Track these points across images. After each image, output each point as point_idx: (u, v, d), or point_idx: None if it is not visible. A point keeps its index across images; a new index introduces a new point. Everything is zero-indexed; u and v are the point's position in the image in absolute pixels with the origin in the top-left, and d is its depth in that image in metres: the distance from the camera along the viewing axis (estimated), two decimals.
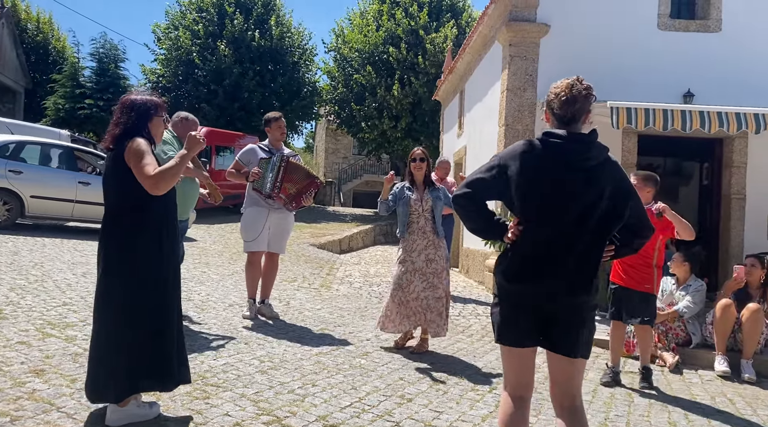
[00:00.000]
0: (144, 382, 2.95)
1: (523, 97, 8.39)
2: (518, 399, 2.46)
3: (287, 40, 20.89)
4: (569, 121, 2.41)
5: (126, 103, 3.06)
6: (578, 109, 2.40)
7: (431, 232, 4.98)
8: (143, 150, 2.89)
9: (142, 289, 2.92)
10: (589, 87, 2.44)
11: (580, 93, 2.39)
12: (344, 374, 4.17)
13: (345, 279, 8.85)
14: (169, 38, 20.35)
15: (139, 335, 2.90)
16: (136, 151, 2.89)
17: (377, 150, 21.99)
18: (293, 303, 6.68)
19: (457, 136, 12.71)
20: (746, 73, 8.14)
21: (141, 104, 3.06)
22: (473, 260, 10.14)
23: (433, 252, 4.96)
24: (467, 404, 3.80)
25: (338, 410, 3.44)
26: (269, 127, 5.69)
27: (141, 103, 3.06)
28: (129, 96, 3.14)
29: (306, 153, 42.36)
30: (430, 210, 4.99)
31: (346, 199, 32.20)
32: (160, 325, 2.97)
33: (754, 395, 4.73)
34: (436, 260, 4.95)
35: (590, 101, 2.44)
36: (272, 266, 5.79)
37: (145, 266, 2.95)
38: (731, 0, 8.40)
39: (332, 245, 12.61)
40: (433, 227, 4.99)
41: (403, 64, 19.16)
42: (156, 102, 3.12)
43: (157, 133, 3.12)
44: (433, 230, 4.99)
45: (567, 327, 2.38)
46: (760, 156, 8.24)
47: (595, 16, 8.38)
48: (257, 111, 19.15)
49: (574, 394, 2.43)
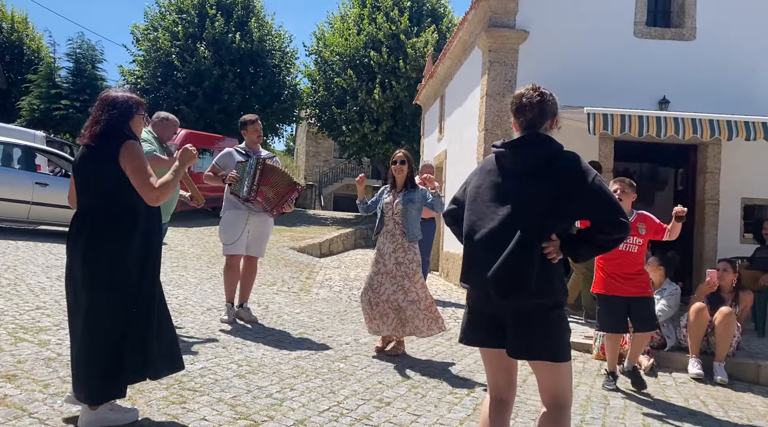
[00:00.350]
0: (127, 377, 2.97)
1: (502, 102, 8.46)
2: (498, 401, 2.48)
3: (268, 42, 20.81)
4: (527, 127, 2.47)
5: (107, 100, 3.02)
6: (534, 115, 2.45)
7: (400, 235, 4.95)
8: (143, 158, 2.94)
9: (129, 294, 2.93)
10: (543, 93, 2.46)
11: (531, 101, 2.44)
12: (323, 378, 4.17)
13: (325, 283, 8.82)
14: (148, 39, 20.14)
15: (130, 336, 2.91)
16: (137, 157, 2.91)
17: (358, 153, 21.99)
18: (272, 307, 6.64)
19: (438, 140, 12.77)
20: (719, 81, 8.31)
21: (123, 102, 3.02)
22: (453, 263, 10.18)
23: (402, 255, 4.94)
24: (445, 407, 3.82)
25: (316, 414, 3.43)
26: (245, 130, 5.67)
27: (122, 100, 3.03)
28: (110, 93, 3.10)
29: (286, 156, 42.15)
30: (400, 213, 4.98)
31: (327, 202, 32.14)
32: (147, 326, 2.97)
33: (725, 397, 4.82)
34: (405, 263, 4.92)
35: (546, 107, 2.45)
36: (251, 270, 5.76)
37: (136, 271, 2.95)
38: (705, 9, 8.57)
39: (312, 248, 12.57)
40: (402, 231, 4.96)
41: (384, 68, 19.20)
42: (137, 100, 3.09)
43: (137, 131, 3.10)
44: (402, 233, 4.95)
45: (515, 329, 2.37)
46: (732, 162, 8.42)
47: (573, 24, 8.49)
48: (237, 113, 19.01)
49: (552, 395, 2.40)
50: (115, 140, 2.93)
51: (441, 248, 11.42)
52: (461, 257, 2.52)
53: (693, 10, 8.60)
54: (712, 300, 5.45)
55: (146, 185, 2.88)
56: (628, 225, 2.37)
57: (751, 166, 8.38)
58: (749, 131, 6.74)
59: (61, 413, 2.99)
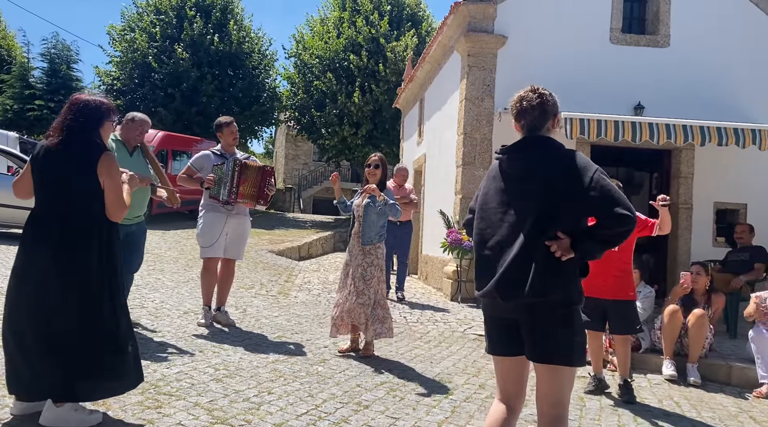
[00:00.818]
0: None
1: (481, 106, 8.54)
2: (506, 408, 2.48)
3: (247, 44, 20.72)
4: (529, 130, 2.50)
5: (77, 104, 2.97)
6: (535, 118, 2.47)
7: (361, 237, 5.02)
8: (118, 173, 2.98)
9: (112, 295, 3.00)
10: (542, 94, 2.49)
11: (531, 103, 2.47)
12: (301, 381, 4.15)
13: (303, 286, 8.79)
14: (124, 40, 19.92)
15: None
16: (115, 173, 2.95)
17: (338, 157, 21.98)
18: (250, 310, 6.60)
19: (417, 144, 12.81)
20: (693, 87, 8.48)
21: (94, 107, 2.98)
22: (432, 266, 10.21)
23: (361, 258, 4.98)
24: (423, 410, 3.82)
25: (294, 418, 3.41)
26: (221, 132, 5.63)
27: (94, 106, 2.99)
28: (81, 96, 3.05)
29: (265, 159, 41.96)
30: (361, 216, 5.03)
31: (306, 205, 32.02)
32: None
33: (698, 398, 4.90)
34: (363, 266, 4.96)
35: (546, 108, 2.48)
36: (229, 273, 5.72)
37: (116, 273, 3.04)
38: (679, 17, 8.74)
39: (291, 251, 12.52)
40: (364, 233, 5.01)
41: (364, 72, 19.23)
42: (108, 106, 3.05)
43: (105, 137, 3.07)
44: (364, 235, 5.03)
45: (525, 331, 2.41)
46: (705, 167, 8.59)
47: (551, 30, 8.60)
48: (215, 116, 18.74)
49: (550, 402, 2.38)
50: (86, 149, 2.90)
51: (420, 251, 11.45)
52: (440, 260, 2.56)
53: (667, 17, 8.77)
54: (685, 302, 5.54)
55: (118, 200, 2.94)
56: (630, 217, 2.29)
57: (723, 171, 8.56)
58: (721, 137, 6.89)
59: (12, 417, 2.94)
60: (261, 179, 5.44)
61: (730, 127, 6.94)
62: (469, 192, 8.50)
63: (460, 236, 8.03)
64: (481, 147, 8.56)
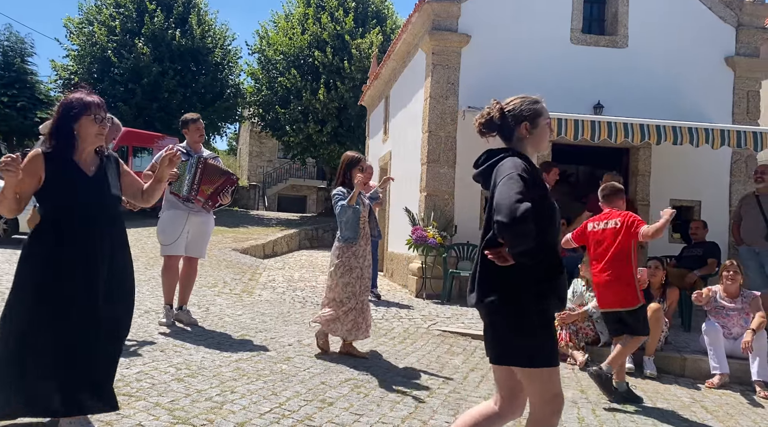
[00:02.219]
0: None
1: (445, 104, 8.60)
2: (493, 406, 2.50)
3: (209, 39, 20.41)
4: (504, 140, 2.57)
5: (60, 105, 2.96)
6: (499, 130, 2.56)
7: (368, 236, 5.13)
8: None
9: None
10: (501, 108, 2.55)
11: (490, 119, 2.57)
12: (264, 379, 4.12)
13: (268, 284, 8.73)
14: (82, 33, 19.40)
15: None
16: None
17: (303, 154, 21.86)
18: (213, 309, 6.52)
19: (383, 141, 12.84)
20: (650, 87, 8.71)
21: (68, 105, 2.89)
22: (398, 263, 10.26)
23: (369, 258, 5.13)
24: (388, 406, 3.85)
25: (257, 417, 3.39)
26: (187, 128, 5.55)
27: (68, 103, 2.89)
28: (66, 96, 3.00)
29: (229, 156, 41.43)
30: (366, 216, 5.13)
31: (271, 203, 31.76)
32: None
33: (654, 390, 5.05)
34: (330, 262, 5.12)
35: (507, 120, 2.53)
36: (191, 271, 5.64)
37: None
38: (636, 18, 8.96)
39: (255, 249, 12.40)
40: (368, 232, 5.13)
41: (329, 69, 19.15)
42: (82, 101, 2.91)
43: (86, 134, 2.90)
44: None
45: (484, 333, 2.54)
46: (662, 165, 8.84)
47: (513, 29, 8.72)
48: (177, 112, 18.58)
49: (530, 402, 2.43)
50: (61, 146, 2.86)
51: (386, 248, 11.49)
52: (405, 257, 2.60)
53: (625, 18, 8.98)
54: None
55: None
56: (504, 224, 2.19)
57: (679, 170, 8.82)
58: (676, 136, 7.10)
59: None
60: (221, 184, 5.37)
61: (685, 126, 7.15)
62: (434, 190, 8.57)
63: (425, 233, 8.08)
64: (445, 145, 8.63)
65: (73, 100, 2.91)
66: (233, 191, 5.56)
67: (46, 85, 21.94)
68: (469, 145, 8.63)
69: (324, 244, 16.55)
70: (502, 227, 2.21)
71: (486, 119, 2.56)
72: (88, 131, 2.90)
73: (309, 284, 9.14)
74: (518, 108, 2.53)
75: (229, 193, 5.46)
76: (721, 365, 5.31)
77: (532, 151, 2.57)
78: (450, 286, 8.20)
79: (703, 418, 4.37)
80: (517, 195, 2.23)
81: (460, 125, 8.58)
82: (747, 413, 4.61)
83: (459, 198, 8.62)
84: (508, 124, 2.53)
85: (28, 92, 21.37)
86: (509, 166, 2.38)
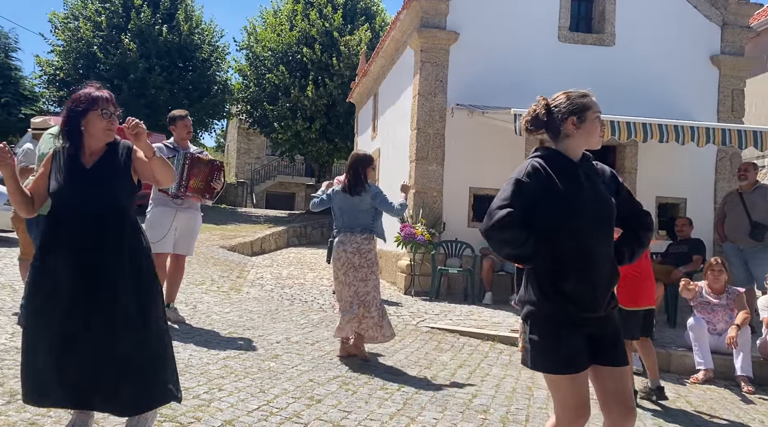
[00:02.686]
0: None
1: (434, 101, 8.61)
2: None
3: (197, 36, 20.27)
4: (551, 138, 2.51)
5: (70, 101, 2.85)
6: (546, 127, 2.49)
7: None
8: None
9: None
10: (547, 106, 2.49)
11: (537, 117, 2.51)
12: (252, 377, 4.11)
13: (256, 282, 8.70)
14: (68, 28, 19.19)
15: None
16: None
17: (291, 151, 21.76)
18: (200, 307, 6.49)
19: (372, 138, 12.83)
20: (636, 85, 8.77)
21: (76, 100, 2.80)
22: (386, 260, 10.26)
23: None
24: (376, 403, 3.85)
25: (245, 414, 3.39)
26: (174, 125, 5.52)
27: (76, 98, 2.81)
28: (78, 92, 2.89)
29: (217, 152, 41.21)
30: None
31: (259, 200, 31.63)
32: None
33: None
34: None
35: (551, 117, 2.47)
36: (178, 269, 5.61)
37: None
38: (623, 16, 9.03)
39: (243, 247, 12.36)
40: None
41: (318, 65, 19.08)
42: (89, 96, 2.81)
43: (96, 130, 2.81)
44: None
45: None
46: (648, 163, 8.91)
47: (501, 27, 8.74)
48: (164, 108, 18.44)
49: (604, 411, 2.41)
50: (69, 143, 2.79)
51: None
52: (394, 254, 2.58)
53: (612, 17, 9.03)
54: None
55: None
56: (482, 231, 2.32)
57: (665, 167, 8.90)
58: (662, 134, 7.14)
59: None
60: (209, 173, 5.37)
61: (671, 124, 7.20)
62: (423, 187, 8.58)
63: (414, 230, 8.09)
64: (434, 142, 8.64)
65: (81, 96, 2.82)
66: (222, 176, 5.55)
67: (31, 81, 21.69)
68: (458, 142, 8.66)
69: (312, 241, 16.53)
70: (481, 233, 2.32)
71: (532, 117, 2.51)
72: (96, 127, 2.80)
73: (297, 281, 9.13)
74: (564, 103, 2.48)
75: (220, 179, 5.46)
76: (706, 360, 5.37)
77: (582, 147, 2.48)
78: (438, 283, 8.22)
79: (687, 413, 4.42)
80: (501, 201, 2.28)
81: (449, 122, 8.60)
82: (731, 408, 4.67)
83: (447, 195, 8.64)
84: (555, 120, 2.46)
85: (12, 88, 21.12)
86: (516, 171, 2.38)
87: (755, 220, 6.75)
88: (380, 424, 3.48)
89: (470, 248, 8.34)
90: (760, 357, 5.51)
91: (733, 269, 6.68)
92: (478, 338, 6.11)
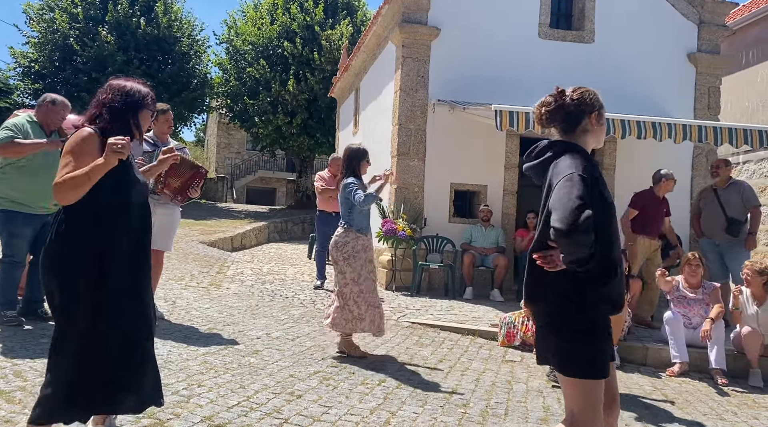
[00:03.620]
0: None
1: (415, 97, 8.62)
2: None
3: (176, 28, 20.00)
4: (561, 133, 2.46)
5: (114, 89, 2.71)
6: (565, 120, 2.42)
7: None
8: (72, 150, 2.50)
9: None
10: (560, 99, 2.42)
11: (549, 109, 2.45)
12: (232, 373, 4.09)
13: (236, 277, 8.65)
14: (43, 20, 18.80)
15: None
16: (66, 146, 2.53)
17: (272, 146, 21.61)
18: (180, 302, 6.43)
19: (353, 133, 12.80)
20: (615, 82, 8.84)
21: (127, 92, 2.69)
22: None
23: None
24: (356, 397, 3.86)
25: (225, 410, 3.37)
26: (155, 119, 5.43)
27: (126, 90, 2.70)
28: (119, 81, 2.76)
29: (197, 147, 40.77)
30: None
31: (240, 195, 31.41)
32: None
33: (618, 378, 5.16)
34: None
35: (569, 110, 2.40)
36: (157, 264, 5.49)
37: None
38: (603, 13, 9.11)
39: (223, 242, 12.27)
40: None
41: (299, 60, 18.96)
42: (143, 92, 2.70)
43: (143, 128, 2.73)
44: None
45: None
46: (626, 159, 9.01)
47: (482, 23, 8.77)
48: None
49: (566, 411, 2.32)
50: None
51: None
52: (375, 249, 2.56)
53: (592, 14, 9.11)
54: None
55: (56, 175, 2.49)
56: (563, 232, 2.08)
57: (643, 163, 8.99)
58: (640, 130, 7.23)
59: None
60: (190, 177, 5.27)
61: (649, 121, 7.29)
62: (404, 182, 8.58)
63: (395, 225, 8.10)
64: (415, 137, 8.65)
65: (133, 89, 2.67)
66: (202, 185, 5.46)
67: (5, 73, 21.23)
68: (439, 138, 8.67)
69: (293, 237, 16.47)
70: (559, 234, 2.08)
71: (554, 106, 2.37)
72: (144, 125, 2.72)
73: (278, 276, 9.09)
74: (587, 97, 2.38)
75: (199, 187, 5.37)
76: (681, 354, 5.46)
77: (592, 145, 2.40)
78: (419, 278, 8.25)
79: (663, 405, 4.49)
80: (577, 200, 2.09)
81: (430, 118, 8.61)
82: (705, 400, 4.76)
83: (429, 191, 8.66)
84: (576, 113, 2.36)
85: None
86: (568, 165, 2.23)
87: (731, 216, 6.87)
88: (361, 418, 3.49)
89: (451, 244, 8.37)
90: (733, 350, 5.62)
91: (709, 264, 6.79)
92: (459, 332, 6.14)
